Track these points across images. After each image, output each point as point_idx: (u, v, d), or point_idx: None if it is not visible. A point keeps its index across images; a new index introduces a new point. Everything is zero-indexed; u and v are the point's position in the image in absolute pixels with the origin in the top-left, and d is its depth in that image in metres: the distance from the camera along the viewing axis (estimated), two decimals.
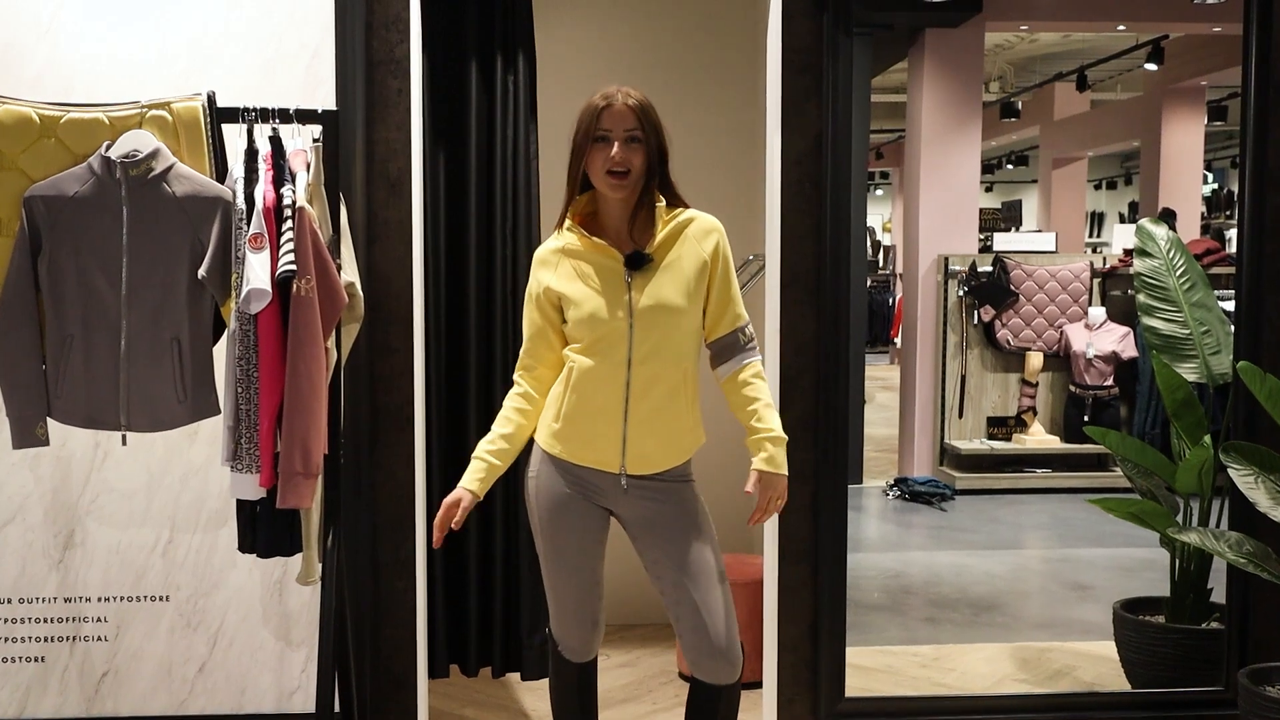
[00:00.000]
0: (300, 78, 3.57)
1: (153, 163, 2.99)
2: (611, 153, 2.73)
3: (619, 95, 2.76)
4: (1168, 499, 4.18)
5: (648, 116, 2.77)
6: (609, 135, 2.74)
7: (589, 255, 2.81)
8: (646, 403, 2.79)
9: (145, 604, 3.65)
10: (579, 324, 2.79)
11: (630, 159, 2.74)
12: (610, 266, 2.80)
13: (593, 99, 2.78)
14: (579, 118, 2.79)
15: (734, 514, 4.96)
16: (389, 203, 3.61)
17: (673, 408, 2.82)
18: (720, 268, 2.85)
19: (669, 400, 2.81)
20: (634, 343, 2.76)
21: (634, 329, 2.76)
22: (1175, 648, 4.03)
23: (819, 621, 3.78)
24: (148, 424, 3.06)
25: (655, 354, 2.78)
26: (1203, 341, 4.11)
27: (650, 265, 2.78)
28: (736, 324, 2.88)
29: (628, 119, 2.74)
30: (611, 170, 2.74)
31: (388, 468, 3.66)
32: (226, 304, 3.02)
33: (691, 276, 2.81)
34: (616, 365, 2.77)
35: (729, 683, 2.88)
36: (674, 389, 2.81)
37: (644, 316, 2.76)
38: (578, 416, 2.80)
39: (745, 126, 4.95)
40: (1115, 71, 12.40)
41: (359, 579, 3.57)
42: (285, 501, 2.89)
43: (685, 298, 2.79)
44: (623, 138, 2.74)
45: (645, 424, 2.79)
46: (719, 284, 2.86)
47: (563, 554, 2.88)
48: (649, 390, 2.78)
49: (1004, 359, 8.15)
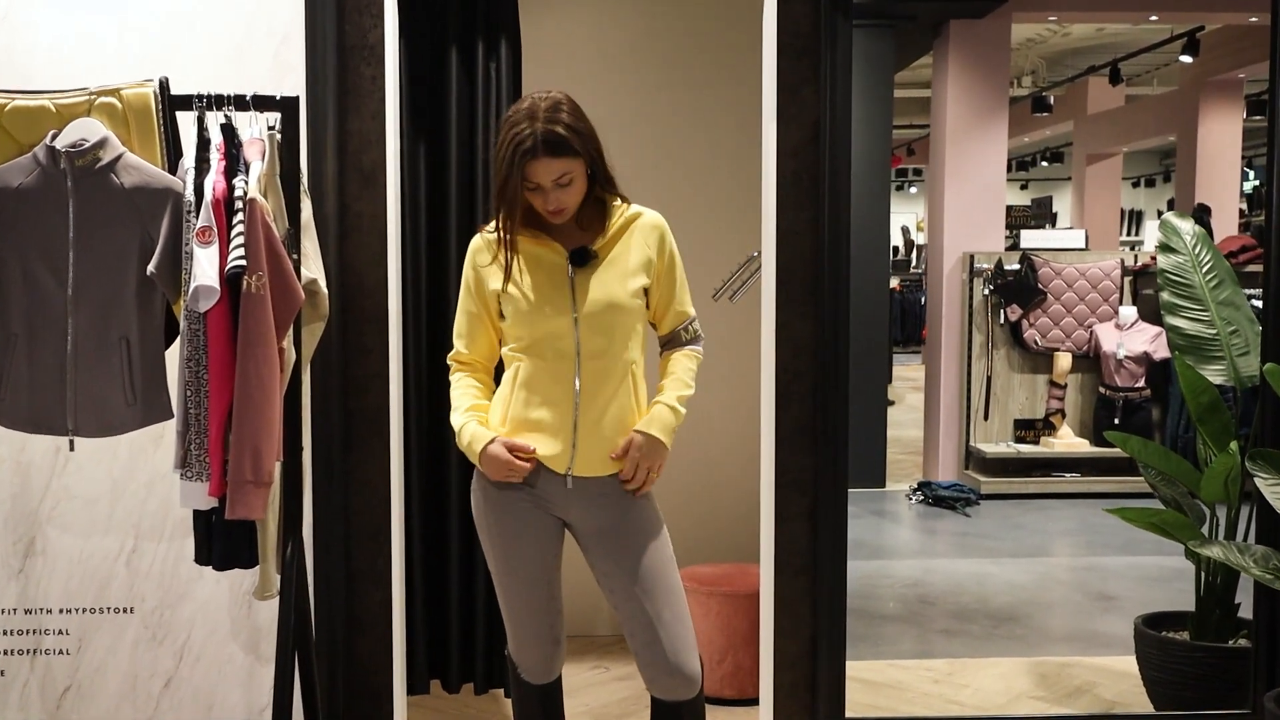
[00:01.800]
0: (268, 64, 3.41)
1: (100, 152, 2.83)
2: (546, 204, 2.60)
3: (540, 135, 2.52)
4: (1193, 508, 3.96)
5: (574, 142, 2.56)
6: (540, 186, 2.58)
7: (529, 249, 2.67)
8: (595, 401, 2.66)
9: (109, 616, 3.50)
10: (519, 321, 2.66)
11: (565, 197, 2.60)
12: (553, 261, 2.66)
13: (514, 136, 2.53)
14: (500, 150, 2.57)
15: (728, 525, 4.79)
16: (362, 195, 3.45)
17: (622, 406, 2.69)
18: (666, 264, 2.74)
19: (617, 398, 2.68)
20: (580, 340, 2.64)
21: (579, 327, 2.64)
22: (1200, 667, 3.81)
23: (818, 637, 3.58)
24: (96, 428, 2.91)
25: (603, 352, 2.66)
26: (1230, 342, 3.89)
27: (594, 260, 2.66)
28: (680, 320, 2.81)
29: (553, 168, 2.55)
30: (550, 211, 2.61)
31: (362, 474, 3.49)
32: (178, 302, 2.86)
33: (636, 272, 2.69)
34: (564, 364, 2.65)
35: (687, 699, 2.74)
36: (622, 386, 2.69)
37: (590, 314, 2.64)
38: (525, 418, 2.67)
39: (746, 117, 4.73)
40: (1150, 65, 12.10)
41: (331, 591, 3.41)
42: (234, 512, 2.72)
43: (630, 294, 2.68)
44: (552, 187, 2.58)
45: (595, 425, 2.66)
46: (664, 280, 2.75)
47: (516, 567, 2.73)
48: (598, 390, 2.66)
49: (1031, 360, 7.92)
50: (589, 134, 2.61)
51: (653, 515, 2.75)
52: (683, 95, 4.65)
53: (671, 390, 2.74)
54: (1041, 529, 7.11)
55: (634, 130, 4.47)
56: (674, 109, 4.65)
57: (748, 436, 4.84)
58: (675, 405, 2.73)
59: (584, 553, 2.78)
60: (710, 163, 4.69)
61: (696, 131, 4.67)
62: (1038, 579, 5.96)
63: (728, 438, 4.75)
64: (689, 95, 4.67)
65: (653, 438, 2.68)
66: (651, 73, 4.62)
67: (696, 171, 4.66)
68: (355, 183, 3.44)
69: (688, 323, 2.80)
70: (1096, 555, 6.44)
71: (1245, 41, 10.04)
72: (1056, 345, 7.84)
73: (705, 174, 4.68)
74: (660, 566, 2.72)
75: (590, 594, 4.30)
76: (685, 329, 2.80)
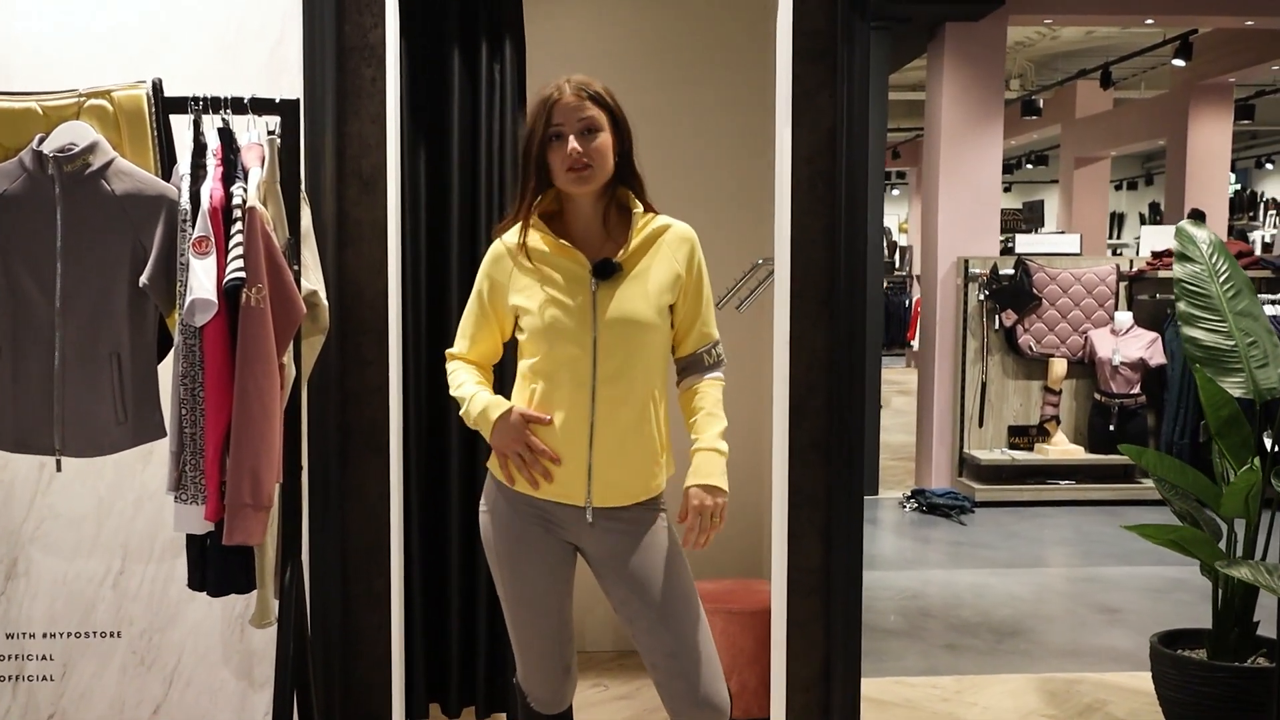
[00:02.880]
0: (263, 65, 3.27)
1: (90, 157, 2.68)
2: (568, 149, 2.45)
3: (567, 85, 2.48)
4: (1208, 521, 3.86)
5: (604, 102, 2.50)
6: (563, 130, 2.46)
7: (552, 258, 2.52)
8: (614, 427, 2.50)
9: (95, 640, 3.36)
10: (536, 335, 2.51)
11: (591, 151, 2.47)
12: (574, 272, 2.51)
13: (541, 91, 2.50)
14: (528, 115, 2.52)
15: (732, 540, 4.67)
16: (362, 202, 3.31)
17: (642, 432, 2.54)
18: (694, 281, 2.59)
19: (638, 424, 2.53)
20: (599, 360, 2.49)
21: (598, 345, 2.49)
22: (1218, 687, 3.71)
23: (832, 659, 3.47)
24: (84, 447, 2.76)
25: (622, 373, 2.50)
26: (1249, 353, 3.80)
27: (619, 274, 2.50)
28: (703, 343, 2.63)
29: (581, 108, 2.47)
30: (572, 167, 2.47)
31: (359, 492, 3.35)
32: (172, 315, 2.72)
33: (663, 289, 2.54)
34: (579, 385, 2.49)
35: None
36: (642, 411, 2.53)
37: (609, 331, 2.49)
38: None
39: (754, 121, 4.62)
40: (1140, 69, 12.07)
41: (328, 614, 3.28)
42: (232, 537, 2.58)
43: (656, 312, 2.53)
44: (578, 130, 2.47)
45: (612, 451, 2.51)
46: (691, 298, 2.59)
47: (526, 596, 2.59)
48: (616, 413, 2.50)
49: (1026, 365, 7.86)
50: (620, 108, 2.53)
51: (672, 541, 2.62)
52: (687, 96, 4.52)
53: (711, 429, 2.57)
54: (1037, 537, 7.03)
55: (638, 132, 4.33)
56: (679, 110, 4.52)
57: (750, 450, 4.72)
58: (720, 447, 2.56)
59: (599, 579, 2.65)
60: (715, 166, 4.57)
61: (701, 134, 4.54)
62: (1037, 590, 5.87)
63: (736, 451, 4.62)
64: (694, 96, 4.54)
65: (713, 487, 2.52)
66: (656, 73, 4.48)
67: (701, 175, 4.53)
68: (354, 189, 3.31)
69: (711, 345, 2.63)
70: (1095, 565, 6.35)
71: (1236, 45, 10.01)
72: (1051, 351, 7.76)
73: (710, 177, 4.55)
74: (682, 594, 2.58)
75: (584, 607, 4.19)
76: (709, 352, 2.62)
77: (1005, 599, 5.65)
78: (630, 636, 2.63)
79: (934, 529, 7.21)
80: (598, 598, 2.80)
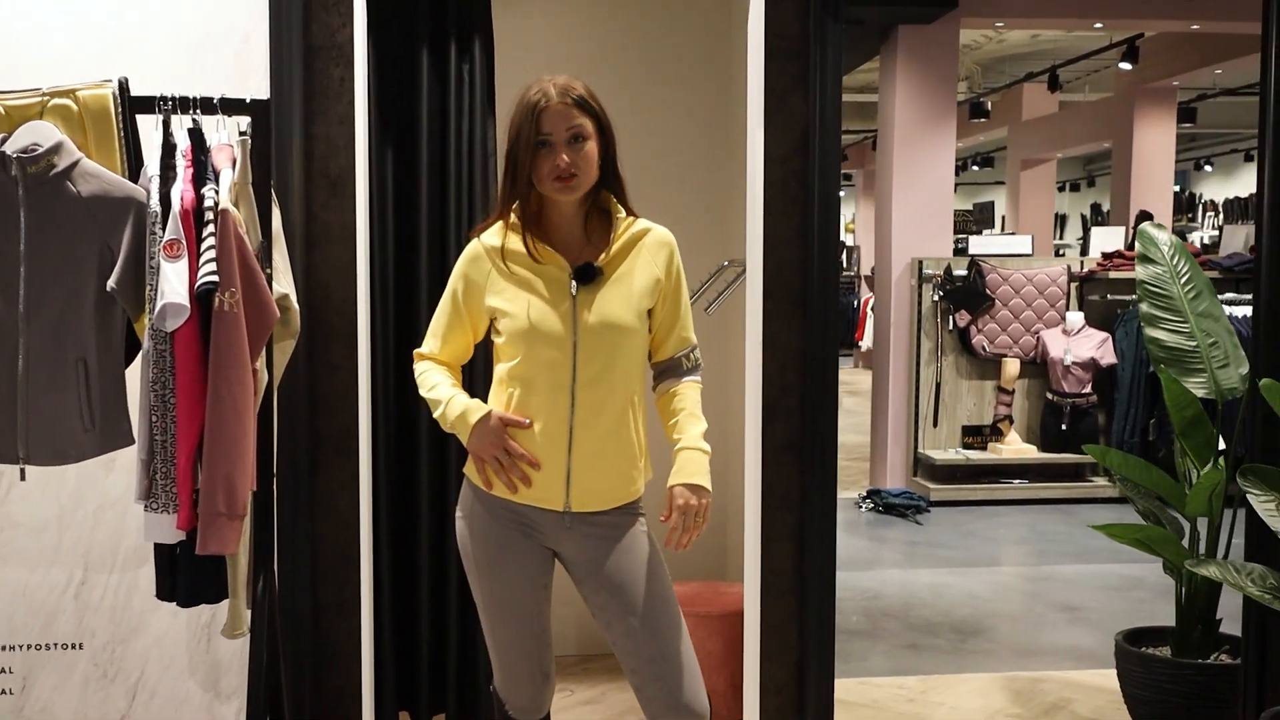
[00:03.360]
0: (229, 65, 3.21)
1: (54, 158, 2.62)
2: (557, 160, 2.43)
3: (553, 89, 2.44)
4: (1170, 520, 3.90)
5: (591, 108, 2.47)
6: (550, 140, 2.43)
7: (532, 261, 2.49)
8: (592, 431, 2.49)
9: (55, 652, 3.28)
10: (515, 339, 2.48)
11: (578, 160, 2.44)
12: (555, 276, 2.49)
13: (526, 94, 2.46)
14: (512, 118, 2.47)
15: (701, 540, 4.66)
16: (330, 204, 3.26)
17: (621, 437, 2.52)
18: (673, 285, 2.58)
19: (616, 428, 2.51)
20: (578, 364, 2.46)
21: (578, 349, 2.46)
22: (1184, 684, 3.75)
23: (805, 660, 3.47)
24: (50, 456, 2.69)
25: (601, 377, 2.48)
26: (1210, 354, 3.84)
27: (599, 278, 2.48)
28: (682, 347, 2.61)
29: (569, 116, 2.43)
30: (559, 176, 2.44)
31: (329, 499, 3.30)
32: (141, 320, 2.66)
33: (643, 293, 2.52)
34: (559, 389, 2.47)
35: None
36: (621, 416, 2.51)
37: (590, 335, 2.46)
38: None
39: (718, 122, 4.62)
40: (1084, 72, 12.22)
41: (298, 623, 3.22)
42: (206, 547, 2.52)
43: (636, 316, 2.51)
44: (565, 139, 2.43)
45: (591, 456, 2.49)
46: (670, 303, 2.58)
47: (505, 603, 2.56)
48: (595, 418, 2.48)
49: (979, 366, 7.92)
50: (605, 112, 2.50)
51: (651, 546, 2.60)
52: (652, 97, 4.50)
53: (692, 428, 2.55)
54: (993, 536, 7.09)
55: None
56: (643, 111, 4.49)
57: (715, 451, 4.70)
58: (702, 446, 2.54)
59: (577, 585, 2.62)
60: (680, 168, 4.55)
61: (665, 136, 4.52)
62: (996, 589, 5.91)
63: None
64: (658, 97, 4.52)
65: (697, 486, 2.50)
66: (622, 74, 4.46)
67: (665, 177, 4.51)
68: (323, 191, 3.25)
69: (689, 349, 2.61)
70: (1051, 564, 6.41)
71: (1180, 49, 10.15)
72: (1004, 351, 7.82)
73: (674, 180, 4.53)
74: (661, 599, 2.57)
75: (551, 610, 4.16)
76: (687, 356, 2.60)
77: (965, 598, 5.68)
78: (609, 643, 2.60)
79: (890, 529, 7.24)
80: (562, 601, 2.77)
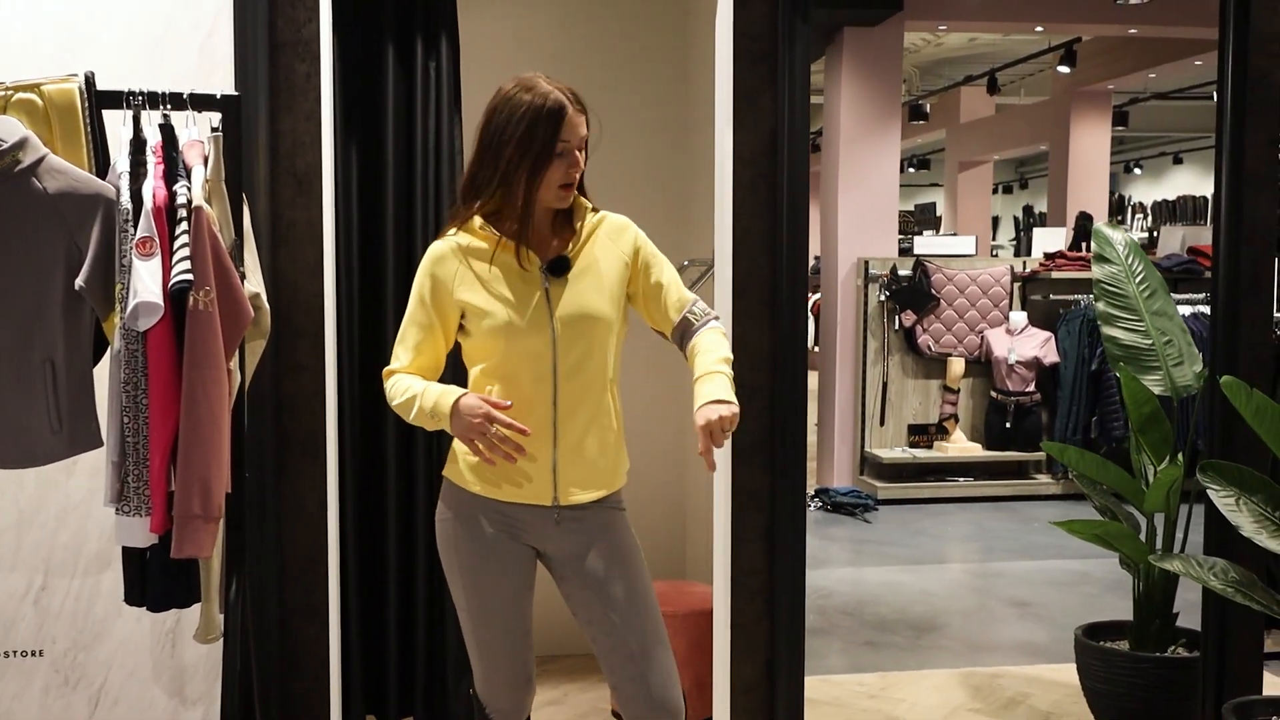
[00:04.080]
0: (193, 60, 3.15)
1: (20, 154, 2.55)
2: (570, 169, 2.44)
3: (565, 96, 2.43)
4: (1126, 516, 3.96)
5: (587, 113, 2.49)
6: (568, 148, 2.43)
7: (498, 258, 2.48)
8: (576, 421, 2.48)
9: (15, 660, 3.20)
10: (492, 335, 2.45)
11: (581, 167, 2.48)
12: (524, 271, 2.47)
13: (537, 99, 2.40)
14: (525, 120, 2.40)
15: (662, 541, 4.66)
16: (296, 202, 3.21)
17: (602, 424, 2.52)
18: (644, 258, 2.57)
19: (597, 416, 2.51)
20: (558, 355, 2.46)
21: (558, 340, 2.46)
22: (1144, 677, 3.81)
23: (776, 660, 3.47)
24: (17, 458, 2.63)
25: (582, 366, 2.48)
26: (1165, 352, 3.91)
27: (568, 270, 2.49)
28: (684, 305, 2.56)
29: (581, 126, 2.45)
30: (566, 184, 2.45)
31: (296, 502, 3.25)
32: (110, 319, 2.60)
33: (613, 280, 2.53)
34: (540, 382, 2.46)
35: None
36: (601, 403, 2.52)
37: (568, 326, 2.46)
38: None
39: (678, 123, 4.62)
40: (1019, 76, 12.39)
41: (264, 628, 3.16)
42: (182, 550, 2.48)
43: (609, 304, 2.51)
44: (578, 146, 2.45)
45: (576, 447, 2.49)
46: (650, 273, 2.56)
47: (491, 606, 2.54)
48: (577, 408, 2.48)
49: (925, 365, 7.99)
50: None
51: (632, 541, 2.61)
52: (617, 97, 4.48)
53: (707, 357, 2.44)
54: (941, 534, 7.16)
55: None
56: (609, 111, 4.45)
57: (674, 451, 4.72)
58: (721, 369, 2.42)
59: (560, 582, 2.61)
60: (643, 167, 4.54)
61: (630, 135, 4.51)
62: (948, 586, 5.98)
63: (657, 453, 4.61)
64: (624, 96, 4.51)
65: (718, 400, 2.35)
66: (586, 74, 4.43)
67: (628, 176, 4.50)
68: (289, 188, 3.20)
69: (692, 304, 2.55)
70: (999, 560, 6.49)
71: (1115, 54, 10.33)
72: (949, 350, 7.90)
73: (637, 179, 4.52)
74: (642, 596, 2.57)
75: None
76: (692, 312, 2.53)
77: (919, 595, 5.73)
78: (588, 639, 2.60)
79: (840, 527, 7.29)
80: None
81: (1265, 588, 3.34)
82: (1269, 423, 3.28)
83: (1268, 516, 3.28)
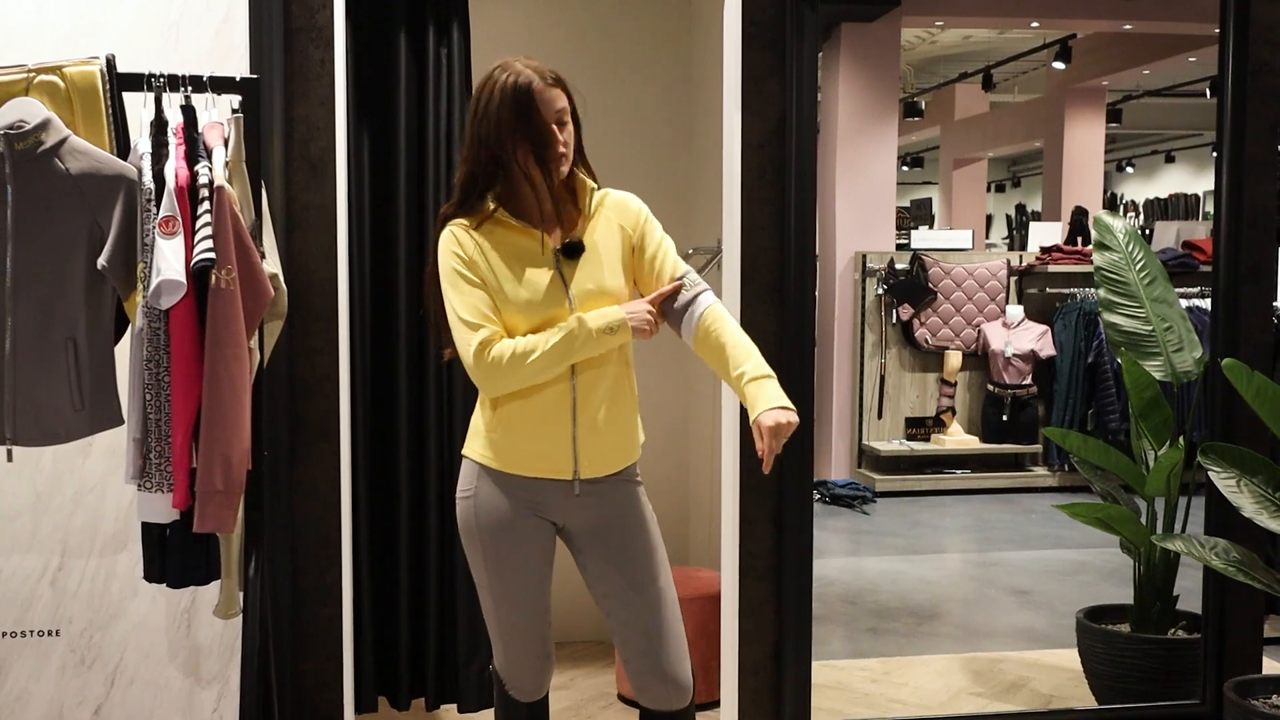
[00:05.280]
0: (208, 45, 3.19)
1: (43, 135, 2.59)
2: (551, 139, 2.46)
3: (533, 71, 2.45)
4: (1128, 501, 4.01)
5: (567, 89, 2.51)
6: (544, 121, 2.45)
7: (510, 238, 2.51)
8: (595, 394, 2.52)
9: (32, 640, 3.23)
10: (515, 311, 2.48)
11: (566, 139, 2.49)
12: (533, 250, 2.51)
13: (513, 77, 2.43)
14: (498, 98, 2.43)
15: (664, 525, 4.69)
16: (310, 186, 3.24)
17: (620, 398, 2.56)
18: (642, 229, 2.59)
19: (615, 388, 2.55)
20: None
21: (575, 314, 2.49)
22: (1146, 658, 3.86)
23: (783, 642, 3.51)
24: (38, 436, 2.66)
25: None
26: (1165, 338, 3.95)
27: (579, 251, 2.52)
28: (675, 274, 2.57)
29: (556, 99, 2.46)
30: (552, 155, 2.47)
31: (310, 483, 3.28)
32: (131, 298, 2.63)
33: (619, 255, 2.57)
34: None
35: (680, 708, 2.63)
36: (619, 378, 2.56)
37: (584, 301, 2.50)
38: (521, 421, 2.51)
39: (683, 110, 4.66)
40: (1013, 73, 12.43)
41: (279, 606, 3.19)
42: (204, 525, 2.51)
43: (617, 277, 2.55)
44: (556, 120, 2.46)
45: (596, 420, 2.52)
46: (649, 245, 2.59)
47: (512, 583, 2.57)
48: (596, 382, 2.52)
49: (922, 358, 8.02)
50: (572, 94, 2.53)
51: (650, 516, 2.64)
52: (622, 83, 4.53)
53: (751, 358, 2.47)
54: (939, 525, 7.21)
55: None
56: (614, 98, 4.52)
57: (677, 435, 4.75)
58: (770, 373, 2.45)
59: (575, 554, 2.65)
60: (646, 153, 4.57)
61: (634, 122, 4.55)
62: (948, 575, 6.02)
63: (661, 437, 4.65)
64: (629, 83, 4.55)
65: (784, 407, 2.40)
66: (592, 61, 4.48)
67: (632, 162, 4.53)
68: (303, 172, 3.24)
69: (682, 275, 2.56)
70: (998, 550, 6.53)
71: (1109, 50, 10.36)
72: (946, 344, 7.95)
73: (641, 165, 4.55)
74: (658, 571, 2.61)
75: None
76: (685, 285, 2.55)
77: (919, 584, 5.77)
78: (604, 613, 2.64)
79: (839, 519, 7.33)
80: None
81: (1266, 567, 3.39)
82: (1269, 404, 3.33)
83: (1268, 497, 3.33)
